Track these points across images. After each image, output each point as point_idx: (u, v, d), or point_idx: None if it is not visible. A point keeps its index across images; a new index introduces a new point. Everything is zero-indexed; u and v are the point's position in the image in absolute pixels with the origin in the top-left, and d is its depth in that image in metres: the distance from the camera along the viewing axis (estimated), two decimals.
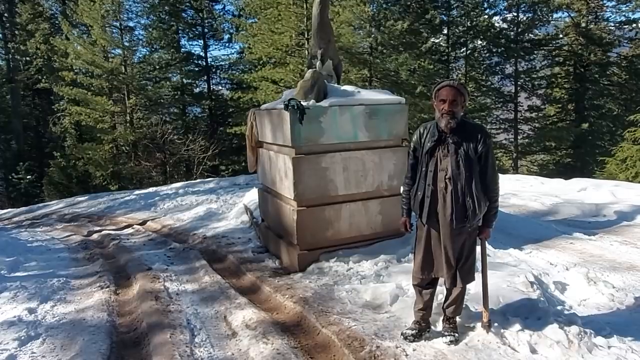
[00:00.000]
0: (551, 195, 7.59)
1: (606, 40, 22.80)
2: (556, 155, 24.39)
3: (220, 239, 6.72)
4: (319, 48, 5.15)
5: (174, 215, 9.92)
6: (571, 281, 3.75)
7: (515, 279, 3.52)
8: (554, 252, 4.77)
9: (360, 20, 15.70)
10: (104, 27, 18.82)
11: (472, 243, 2.81)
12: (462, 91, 2.68)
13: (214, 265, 5.55)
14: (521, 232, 5.64)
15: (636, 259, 4.45)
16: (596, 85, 23.35)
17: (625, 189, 7.17)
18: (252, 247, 5.93)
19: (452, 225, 2.68)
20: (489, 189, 2.74)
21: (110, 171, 20.12)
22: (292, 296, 3.97)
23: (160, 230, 8.80)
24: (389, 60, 16.24)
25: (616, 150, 15.32)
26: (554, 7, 22.30)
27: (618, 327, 2.91)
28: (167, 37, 21.98)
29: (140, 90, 20.34)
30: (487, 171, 2.71)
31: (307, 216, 4.71)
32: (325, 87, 4.90)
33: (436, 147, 2.72)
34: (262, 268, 5.04)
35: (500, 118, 24.76)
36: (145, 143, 20.30)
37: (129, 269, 5.55)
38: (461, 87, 2.68)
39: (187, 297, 4.36)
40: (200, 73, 23.62)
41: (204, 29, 23.13)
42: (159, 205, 11.95)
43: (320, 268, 4.66)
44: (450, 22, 22.83)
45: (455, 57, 24.44)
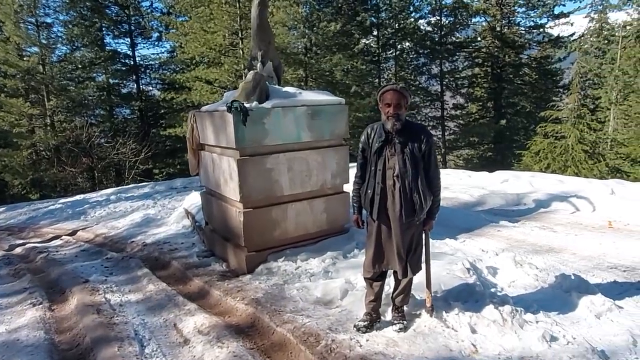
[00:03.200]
0: (478, 187, 8.20)
1: (518, 43, 24.90)
2: (479, 149, 26.24)
3: (162, 245, 6.51)
4: (259, 49, 5.17)
5: (107, 223, 9.41)
6: (501, 265, 4.11)
7: (453, 266, 3.80)
8: (484, 239, 5.19)
9: (294, 21, 15.81)
10: (17, 22, 17.26)
11: (419, 235, 3.02)
12: (405, 94, 2.86)
13: (158, 272, 5.38)
14: (455, 222, 6.05)
15: (553, 241, 4.98)
16: (511, 85, 25.42)
17: (541, 179, 7.93)
18: (197, 252, 5.82)
19: (401, 220, 2.86)
20: (433, 184, 2.95)
21: (30, 179, 18.53)
22: (243, 298, 3.98)
23: (93, 240, 8.31)
24: (324, 60, 16.52)
25: (530, 144, 16.80)
26: (472, 12, 23.94)
27: (543, 303, 3.27)
28: (89, 35, 20.62)
29: (61, 90, 18.93)
30: (430, 168, 2.92)
31: (254, 217, 4.73)
32: (267, 88, 4.94)
33: (384, 147, 2.88)
34: (210, 272, 4.98)
35: (429, 116, 26.13)
36: (69, 147, 18.91)
37: (62, 283, 5.22)
38: (404, 90, 2.86)
39: (131, 307, 4.20)
40: (128, 73, 22.47)
41: (131, 27, 22.03)
42: (89, 213, 11.27)
43: (269, 268, 4.70)
44: (380, 25, 23.69)
45: (385, 57, 25.39)
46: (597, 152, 15.70)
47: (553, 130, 15.96)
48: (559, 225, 5.67)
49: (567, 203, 6.49)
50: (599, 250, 4.60)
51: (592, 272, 4.04)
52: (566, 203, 6.50)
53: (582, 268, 4.14)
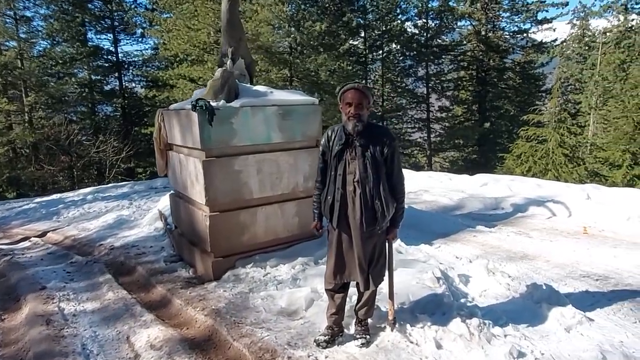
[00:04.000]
0: (458, 190, 8.11)
1: (502, 47, 25.06)
2: (464, 152, 26.34)
3: (130, 248, 6.25)
4: (229, 46, 4.97)
5: (79, 225, 9.08)
6: (474, 273, 3.98)
7: (424, 275, 3.66)
8: (459, 245, 5.07)
9: (279, 20, 15.60)
10: None
11: (382, 244, 2.85)
12: (367, 93, 2.68)
13: (121, 278, 5.14)
14: (432, 227, 5.93)
15: (528, 248, 4.87)
16: (495, 88, 25.58)
17: (519, 183, 7.87)
18: (165, 256, 5.58)
19: (362, 229, 2.69)
20: (396, 190, 2.79)
21: (7, 177, 17.96)
22: (204, 308, 3.77)
23: (62, 242, 8.00)
24: (309, 60, 16.34)
25: (512, 147, 16.85)
26: (458, 16, 24.01)
27: (513, 315, 3.13)
28: (70, 30, 20.09)
29: (40, 86, 18.38)
30: (393, 173, 2.75)
31: (221, 221, 4.53)
32: (236, 86, 4.74)
33: (344, 150, 2.71)
34: (174, 279, 4.75)
35: (414, 117, 26.15)
36: (47, 145, 18.38)
37: (19, 290, 4.94)
38: (366, 89, 2.69)
39: (85, 318, 3.96)
40: (110, 69, 22.00)
41: (114, 22, 21.55)
42: (62, 213, 10.89)
43: (237, 275, 4.50)
44: (367, 26, 23.60)
45: (372, 59, 25.33)
46: (576, 156, 15.82)
47: (534, 134, 16.03)
48: (534, 230, 5.59)
49: (543, 208, 6.42)
50: (573, 257, 4.51)
51: (564, 280, 3.93)
52: (543, 208, 6.42)
53: (555, 276, 4.03)
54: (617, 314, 3.28)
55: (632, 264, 4.30)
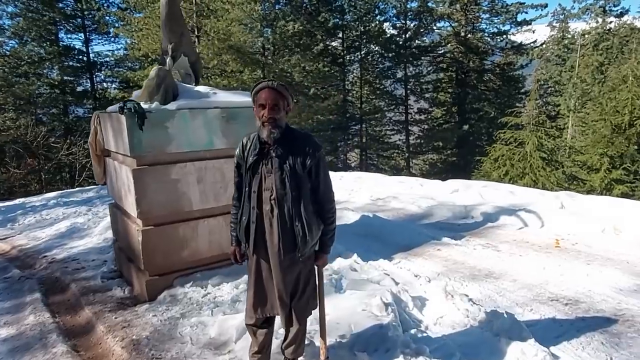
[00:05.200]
0: (428, 197, 7.77)
1: (482, 49, 25.01)
2: (443, 154, 26.20)
3: (70, 262, 5.74)
4: (169, 42, 4.51)
5: (30, 233, 8.47)
6: (431, 295, 3.61)
7: (372, 300, 3.26)
8: (421, 260, 4.70)
9: (251, 19, 15.14)
10: None
11: (308, 273, 2.43)
12: (284, 93, 2.26)
13: (52, 298, 4.65)
14: (396, 238, 5.57)
15: (494, 263, 4.53)
16: (475, 90, 25.52)
17: (492, 190, 7.56)
18: (104, 272, 5.09)
19: (279, 256, 2.28)
20: (324, 209, 2.38)
21: None
22: (124, 338, 3.32)
23: (7, 253, 7.39)
24: (282, 61, 15.91)
25: (489, 150, 16.67)
26: (437, 17, 23.87)
27: (468, 349, 2.76)
28: (39, 28, 19.26)
29: (7, 87, 17.52)
30: (319, 188, 2.34)
31: (156, 236, 4.07)
32: (174, 87, 4.30)
33: (259, 162, 2.29)
34: (107, 299, 4.28)
35: (393, 120, 25.92)
36: (14, 147, 17.52)
37: None
38: (282, 88, 2.26)
39: None
40: (82, 69, 21.22)
41: (84, 21, 20.77)
42: (19, 220, 10.21)
43: (173, 295, 4.06)
44: (345, 26, 23.28)
45: (350, 60, 25.03)
46: (554, 160, 15.70)
47: (512, 136, 15.86)
48: (504, 243, 5.25)
49: (515, 217, 6.11)
50: (542, 276, 4.16)
51: (530, 305, 3.57)
52: (514, 217, 6.11)
53: (521, 299, 3.67)
54: (586, 348, 2.93)
55: (606, 284, 3.97)
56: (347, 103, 24.81)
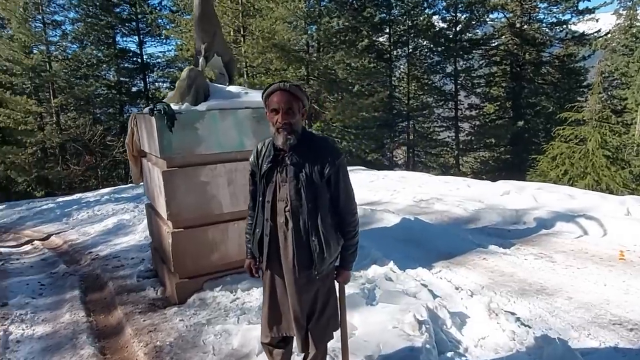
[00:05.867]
0: (475, 200, 7.30)
1: (539, 40, 23.52)
2: (496, 152, 24.96)
3: (111, 260, 5.88)
4: (202, 42, 4.44)
5: (82, 228, 8.86)
6: (472, 312, 3.28)
7: (406, 316, 3.00)
8: (464, 270, 4.35)
9: (295, 17, 15.06)
10: (25, 20, 17.01)
11: (328, 291, 2.21)
12: (299, 95, 2.06)
13: (89, 295, 4.75)
14: (437, 244, 5.23)
15: (547, 277, 4.09)
16: (531, 84, 24.05)
17: (547, 193, 6.97)
18: (140, 271, 5.14)
19: (295, 273, 2.08)
20: (344, 222, 2.16)
21: (35, 176, 18.35)
22: (148, 343, 3.27)
23: (59, 248, 7.77)
24: (326, 58, 15.72)
25: (547, 148, 15.60)
26: (490, 8, 22.72)
27: None
28: (97, 33, 20.36)
29: (69, 88, 18.67)
30: (339, 199, 2.12)
31: (186, 239, 4.02)
32: (206, 87, 4.22)
33: (274, 170, 2.10)
34: (139, 300, 4.29)
35: (442, 116, 25.03)
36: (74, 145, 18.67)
37: None
38: (296, 89, 2.05)
39: (27, 346, 3.54)
40: (136, 71, 22.21)
41: (139, 25, 21.70)
42: (73, 215, 10.75)
43: (203, 299, 4.00)
44: (392, 21, 22.70)
45: (397, 55, 24.41)
46: (620, 158, 14.42)
47: (572, 133, 14.73)
48: (559, 253, 4.76)
49: (573, 224, 5.55)
50: (603, 294, 3.68)
51: (588, 328, 3.13)
52: (572, 224, 5.55)
53: (577, 321, 3.24)
54: None
55: None
56: (394, 99, 24.23)
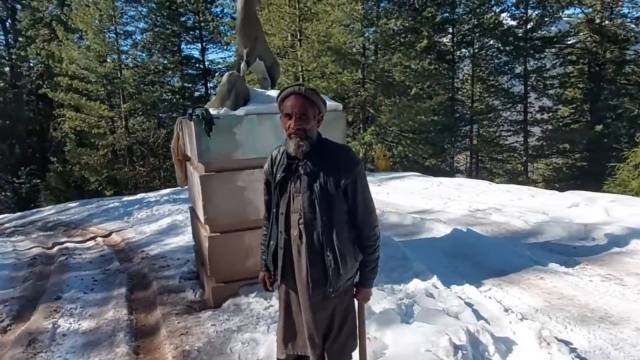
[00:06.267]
0: (539, 211, 6.70)
1: (622, 37, 21.45)
2: (570, 158, 23.10)
3: (158, 259, 6.08)
4: (244, 47, 4.44)
5: (139, 227, 9.32)
6: (520, 338, 2.94)
7: (441, 339, 2.74)
8: (516, 290, 3.95)
9: (352, 20, 14.92)
10: (100, 31, 18.50)
11: (345, 309, 2.04)
12: (314, 99, 1.92)
13: (135, 294, 4.92)
14: (490, 259, 4.83)
15: (614, 303, 3.60)
16: (612, 85, 22.00)
17: (621, 206, 6.23)
18: (183, 272, 5.25)
19: (308, 291, 1.94)
20: (363, 236, 1.98)
21: (105, 176, 19.84)
22: (177, 347, 3.28)
23: (117, 245, 8.21)
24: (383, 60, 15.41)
25: (629, 155, 14.13)
26: (565, 3, 21.10)
27: None
28: (163, 41, 21.63)
29: (137, 94, 20.02)
30: (357, 211, 1.95)
31: (221, 243, 4.03)
32: (245, 92, 4.21)
33: (287, 179, 1.98)
34: (178, 301, 4.37)
35: (509, 120, 23.63)
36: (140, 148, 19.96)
37: (42, 296, 4.94)
38: (311, 93, 1.92)
39: (70, 340, 3.70)
40: (198, 77, 23.27)
41: (202, 33, 22.74)
42: (134, 214, 11.36)
43: (237, 304, 3.98)
44: (455, 20, 21.83)
45: (461, 56, 23.44)
46: None
47: None
48: (632, 275, 4.18)
49: None
50: None
51: None
52: None
53: None
54: None
55: None
56: (456, 102, 23.28)
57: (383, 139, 16.56)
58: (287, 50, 16.21)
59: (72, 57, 18.50)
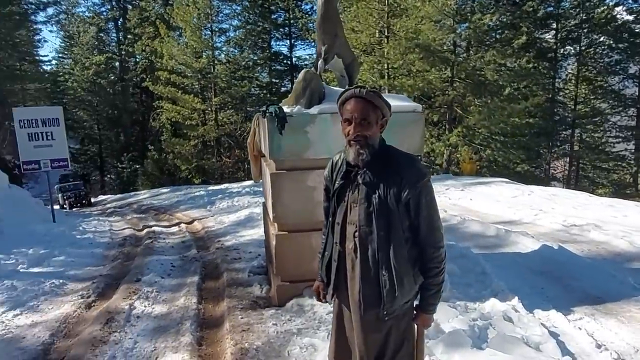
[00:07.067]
0: None
1: None
2: None
3: (232, 251, 6.27)
4: (322, 44, 4.34)
5: (219, 217, 9.74)
6: None
7: None
8: (614, 323, 3.43)
9: (443, 15, 14.24)
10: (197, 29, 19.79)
11: (402, 334, 1.84)
12: (377, 103, 1.74)
13: (207, 283, 5.10)
14: (584, 283, 4.28)
15: None
16: None
17: None
18: (253, 267, 5.33)
19: (360, 311, 1.77)
20: (426, 257, 1.77)
21: (195, 165, 21.24)
22: (237, 343, 3.29)
23: (197, 233, 8.66)
24: (475, 58, 14.52)
25: None
26: None
27: None
28: (254, 37, 22.55)
29: (227, 89, 21.12)
30: (420, 228, 1.74)
31: (288, 243, 4.00)
32: (321, 90, 4.12)
33: (346, 188, 1.83)
34: (245, 295, 4.43)
35: (618, 125, 21.12)
36: (227, 140, 21.07)
37: (125, 277, 5.33)
38: (373, 96, 1.74)
39: (143, 323, 3.90)
40: (285, 72, 23.93)
41: (291, 29, 23.31)
42: (216, 204, 11.95)
43: (301, 305, 3.93)
44: (560, 15, 19.93)
45: (564, 54, 21.39)
46: None
47: None
48: None
49: None
50: None
51: None
52: None
53: None
54: None
55: None
56: (556, 104, 21.32)
57: (470, 141, 15.66)
58: (374, 47, 15.95)
59: (172, 53, 19.99)
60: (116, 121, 28.18)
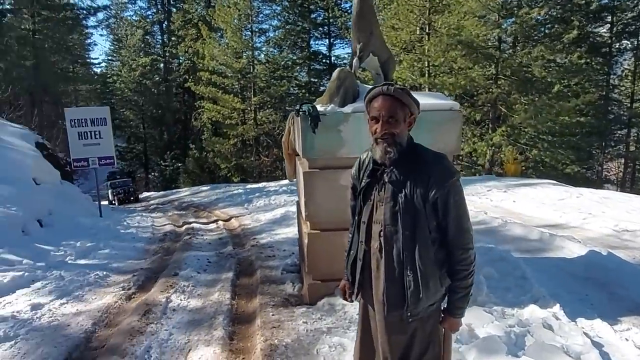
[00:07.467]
0: None
1: None
2: None
3: (266, 248, 6.35)
4: (357, 42, 4.30)
5: (255, 215, 9.88)
6: None
7: None
8: None
9: (487, 10, 13.77)
10: (238, 30, 20.20)
11: (428, 336, 1.78)
12: (405, 100, 1.70)
13: (241, 279, 5.18)
14: (633, 292, 4.02)
15: None
16: None
17: None
18: (286, 264, 5.37)
19: (384, 311, 1.73)
20: (453, 259, 1.70)
21: (234, 164, 21.69)
22: (267, 339, 3.32)
23: (234, 230, 8.82)
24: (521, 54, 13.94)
25: None
26: None
27: None
28: (294, 37, 22.75)
29: (266, 88, 21.43)
30: (448, 229, 1.68)
31: (320, 241, 3.99)
32: (355, 88, 4.09)
33: (372, 186, 1.79)
34: (277, 293, 4.46)
35: None
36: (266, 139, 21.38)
37: (164, 271, 5.51)
38: (401, 94, 1.70)
39: (179, 316, 4.01)
40: (324, 72, 23.97)
41: (330, 28, 23.33)
42: (253, 202, 12.11)
43: (332, 305, 3.93)
44: (616, 8, 18.80)
45: (620, 49, 20.18)
46: None
47: None
48: None
49: None
50: None
51: None
52: None
53: None
54: None
55: None
56: (611, 102, 20.15)
57: (515, 141, 15.07)
58: (414, 44, 15.67)
59: (213, 54, 20.49)
60: (160, 120, 29.25)
